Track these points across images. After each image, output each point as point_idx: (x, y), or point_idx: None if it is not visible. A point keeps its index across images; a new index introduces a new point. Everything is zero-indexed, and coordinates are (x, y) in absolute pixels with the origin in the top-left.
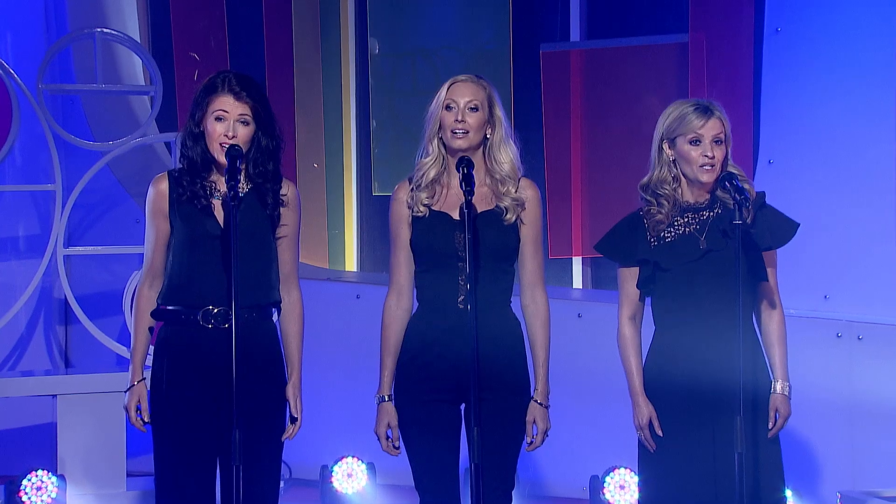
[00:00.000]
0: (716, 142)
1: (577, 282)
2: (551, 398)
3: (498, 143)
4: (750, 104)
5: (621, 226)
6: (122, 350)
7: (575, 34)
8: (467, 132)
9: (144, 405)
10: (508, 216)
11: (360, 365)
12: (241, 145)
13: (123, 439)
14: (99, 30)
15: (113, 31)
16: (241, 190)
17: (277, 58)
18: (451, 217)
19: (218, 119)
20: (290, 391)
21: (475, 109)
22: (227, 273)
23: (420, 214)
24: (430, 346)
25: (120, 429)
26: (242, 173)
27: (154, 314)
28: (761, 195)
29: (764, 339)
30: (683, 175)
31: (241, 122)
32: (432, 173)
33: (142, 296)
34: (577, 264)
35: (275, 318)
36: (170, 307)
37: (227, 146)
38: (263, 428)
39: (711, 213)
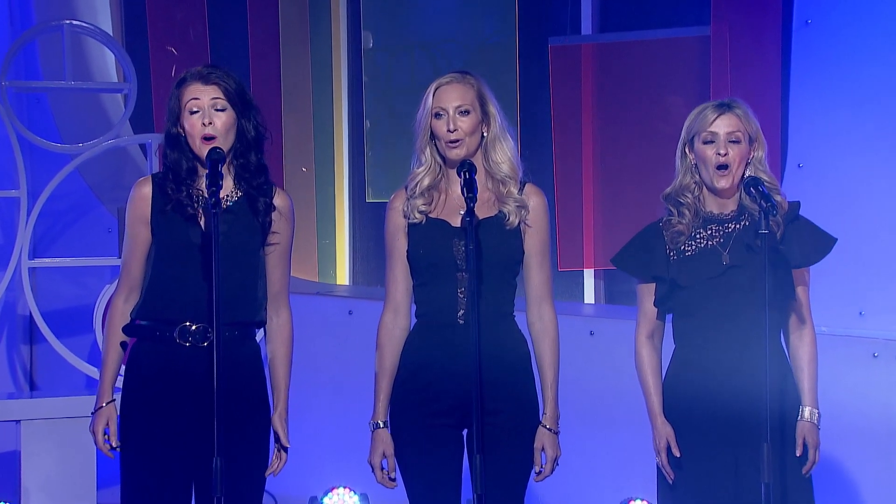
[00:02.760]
0: (732, 141)
1: (589, 296)
2: (560, 423)
3: (493, 141)
4: (778, 103)
5: (639, 237)
6: (92, 371)
7: (586, 27)
8: (462, 140)
9: (113, 429)
10: (511, 220)
11: (353, 386)
12: (220, 135)
13: (93, 469)
14: (68, 22)
15: (83, 24)
16: (230, 197)
17: (263, 52)
18: (450, 224)
19: (192, 112)
20: (277, 421)
21: (466, 113)
22: (208, 287)
23: (416, 221)
24: (428, 365)
25: (89, 457)
26: (231, 176)
27: (126, 329)
28: (795, 206)
29: (793, 361)
30: (703, 182)
31: (216, 108)
32: (426, 182)
33: (115, 309)
34: (588, 277)
35: (258, 337)
36: (144, 322)
37: (207, 138)
38: (245, 456)
39: (738, 226)
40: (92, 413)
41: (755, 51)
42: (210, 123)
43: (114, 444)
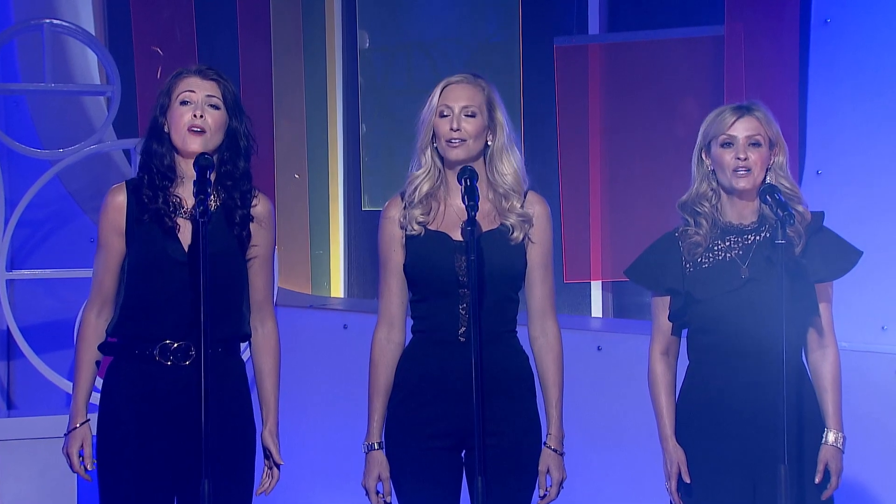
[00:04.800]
0: (752, 143)
1: (597, 310)
2: (566, 443)
3: (499, 152)
4: (795, 106)
5: (654, 248)
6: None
7: (594, 26)
8: (464, 140)
9: (88, 451)
10: (515, 234)
11: (348, 404)
12: (210, 131)
13: (74, 492)
14: (48, 21)
15: (64, 23)
16: (211, 206)
17: (253, 53)
18: (451, 237)
19: (184, 103)
20: (268, 437)
21: (472, 115)
22: (190, 303)
23: (415, 233)
24: (426, 384)
25: (70, 480)
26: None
27: (102, 348)
28: (818, 217)
29: (815, 381)
30: (722, 188)
31: (211, 105)
32: (426, 187)
33: (88, 325)
34: (596, 290)
35: (244, 354)
36: (121, 340)
37: (195, 129)
38: (230, 479)
39: (758, 237)
40: (65, 434)
41: (771, 51)
42: (201, 117)
43: (89, 467)
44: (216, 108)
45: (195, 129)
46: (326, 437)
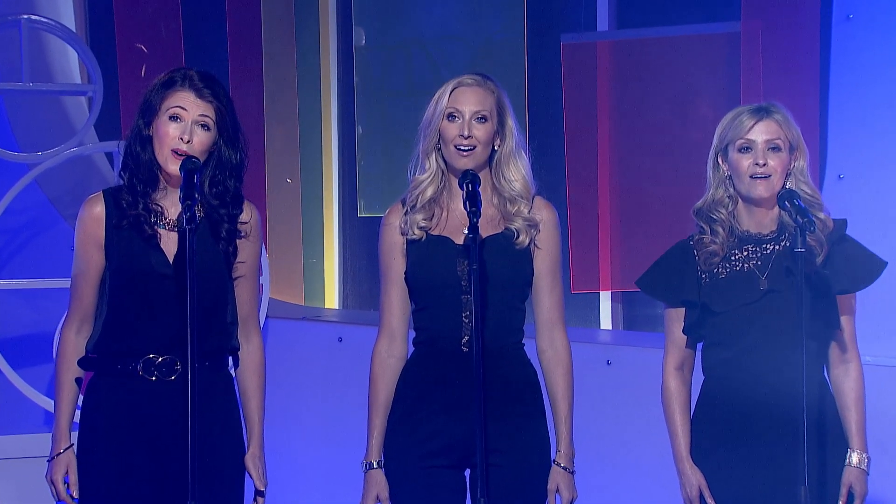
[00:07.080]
0: (772, 148)
1: (606, 322)
2: (575, 461)
3: (507, 157)
4: (816, 107)
5: (667, 258)
6: (52, 406)
7: (602, 23)
8: (474, 148)
9: (74, 477)
10: (521, 238)
11: (344, 421)
12: (196, 155)
13: None
14: (25, 16)
15: (43, 19)
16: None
17: (243, 51)
18: (453, 242)
19: (173, 119)
20: (250, 461)
21: (483, 120)
22: (175, 316)
23: (416, 238)
24: (427, 398)
25: (50, 501)
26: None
27: (82, 363)
28: (841, 224)
29: (838, 398)
30: (739, 195)
31: (201, 125)
32: (430, 192)
33: (67, 342)
34: (605, 300)
35: (231, 368)
36: (102, 356)
37: (180, 153)
38: (219, 500)
39: (777, 247)
40: (48, 460)
41: (791, 49)
42: (188, 141)
43: (75, 494)
44: (206, 128)
45: (178, 152)
46: (321, 453)
